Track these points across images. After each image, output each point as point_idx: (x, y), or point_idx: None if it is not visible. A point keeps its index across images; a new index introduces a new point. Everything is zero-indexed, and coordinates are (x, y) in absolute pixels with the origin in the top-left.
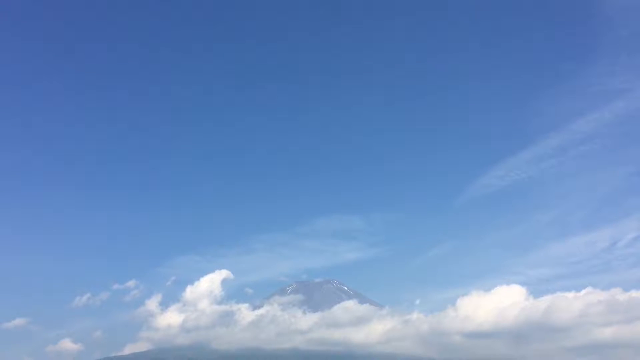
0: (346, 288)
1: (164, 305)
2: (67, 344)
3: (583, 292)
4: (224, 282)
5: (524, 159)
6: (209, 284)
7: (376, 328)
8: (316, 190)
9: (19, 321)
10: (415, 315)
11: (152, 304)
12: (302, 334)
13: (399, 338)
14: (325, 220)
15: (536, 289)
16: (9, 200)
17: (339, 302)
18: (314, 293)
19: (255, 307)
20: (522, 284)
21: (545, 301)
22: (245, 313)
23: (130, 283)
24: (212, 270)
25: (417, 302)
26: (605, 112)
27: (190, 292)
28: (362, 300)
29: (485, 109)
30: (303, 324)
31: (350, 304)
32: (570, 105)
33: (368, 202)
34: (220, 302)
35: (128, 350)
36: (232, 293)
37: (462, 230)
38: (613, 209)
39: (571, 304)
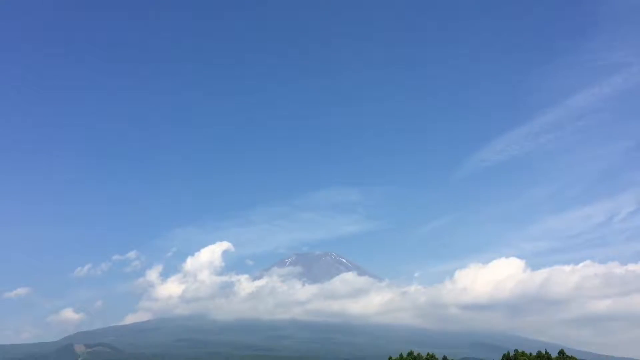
0: (345, 260)
1: (164, 276)
2: (69, 314)
3: (580, 265)
4: (224, 253)
5: (522, 134)
6: (209, 255)
7: (374, 300)
8: (314, 163)
9: (20, 291)
10: (413, 288)
11: (153, 274)
12: (300, 305)
13: (397, 309)
14: (323, 193)
15: (533, 262)
16: (10, 174)
17: (337, 274)
18: (313, 265)
19: (254, 278)
20: (520, 257)
21: (542, 274)
22: (245, 284)
23: (131, 254)
24: (211, 242)
25: (416, 274)
26: (603, 86)
27: (190, 263)
28: (361, 272)
29: (483, 84)
30: (301, 295)
31: (349, 276)
32: (568, 81)
33: (366, 175)
34: (220, 273)
35: (129, 320)
36: (232, 264)
37: (461, 204)
38: (610, 183)
39: (568, 277)
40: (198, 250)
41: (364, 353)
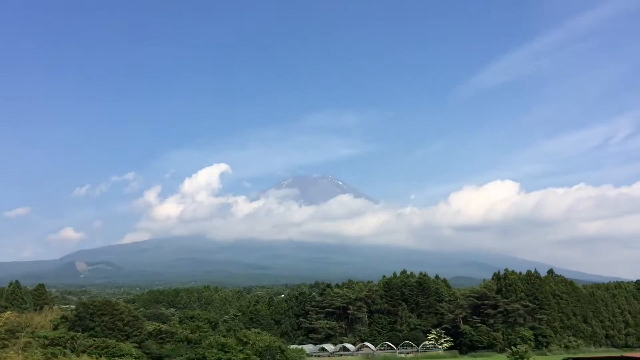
0: (341, 183)
1: (163, 197)
2: (69, 233)
3: (574, 187)
4: (222, 175)
5: (522, 56)
6: (206, 177)
7: (369, 221)
8: (309, 84)
9: (20, 210)
10: (408, 210)
11: (151, 195)
12: (297, 226)
13: (392, 231)
14: (319, 116)
15: (528, 185)
16: (8, 90)
17: (334, 197)
18: (309, 187)
19: (251, 200)
20: (515, 180)
21: (535, 196)
22: (242, 205)
23: (129, 175)
24: (208, 164)
25: (412, 196)
26: (607, 8)
27: (188, 184)
28: (357, 194)
29: (483, 3)
30: (298, 217)
31: (345, 198)
32: (570, 1)
33: (362, 97)
34: (217, 195)
35: (128, 239)
36: (230, 186)
37: (458, 127)
38: (607, 106)
39: (561, 199)
40: (195, 171)
41: (358, 272)
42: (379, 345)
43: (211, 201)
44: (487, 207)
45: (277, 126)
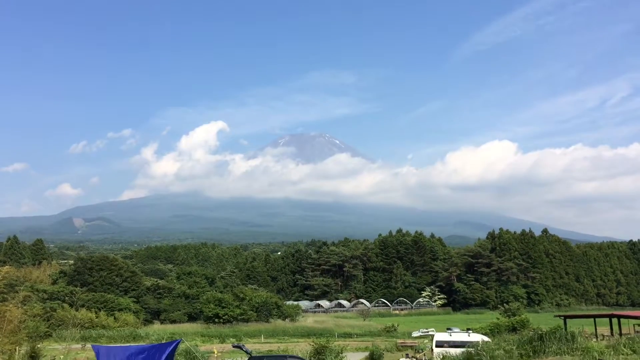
0: (338, 142)
1: (159, 154)
2: (67, 189)
3: (571, 148)
4: (219, 133)
5: (521, 15)
6: (203, 135)
7: (366, 180)
8: (307, 43)
9: (17, 166)
10: (405, 169)
11: (148, 152)
12: (293, 185)
13: (388, 190)
14: (316, 74)
15: (525, 145)
16: (5, 47)
17: (331, 155)
18: (306, 145)
19: (249, 158)
20: (512, 140)
21: (532, 157)
22: (239, 163)
23: (126, 132)
24: (205, 122)
25: (409, 156)
26: None
27: (185, 142)
28: (354, 153)
29: None
30: (295, 175)
31: (342, 157)
32: None
33: (359, 57)
34: (214, 152)
35: (126, 196)
36: (227, 144)
37: (456, 87)
38: (606, 67)
39: (558, 159)
40: (192, 129)
41: (354, 231)
42: (373, 302)
43: (208, 159)
44: (484, 167)
45: (275, 84)
